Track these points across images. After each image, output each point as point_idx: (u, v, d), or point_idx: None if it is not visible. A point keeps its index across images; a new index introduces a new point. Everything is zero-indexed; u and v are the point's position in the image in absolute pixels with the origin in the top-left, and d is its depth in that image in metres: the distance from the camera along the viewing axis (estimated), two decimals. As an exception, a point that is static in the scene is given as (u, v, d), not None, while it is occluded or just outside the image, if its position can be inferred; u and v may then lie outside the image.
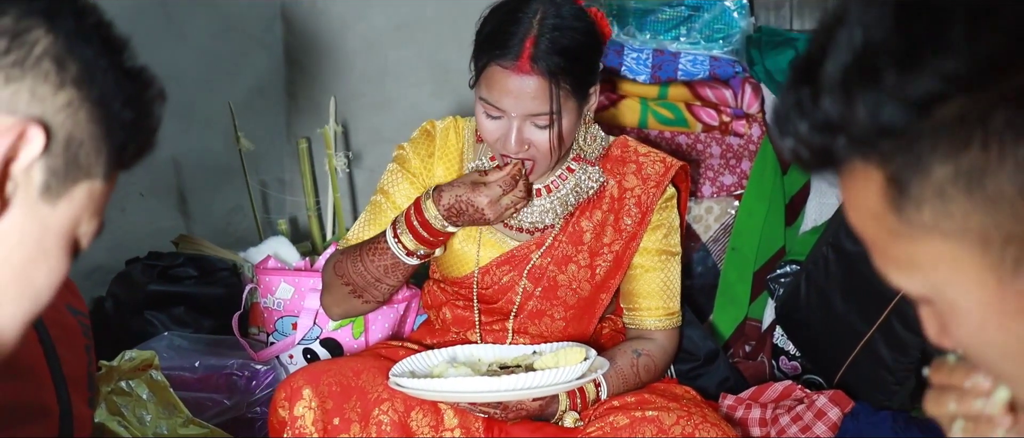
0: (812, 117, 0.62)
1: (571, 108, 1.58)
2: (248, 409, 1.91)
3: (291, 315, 1.99)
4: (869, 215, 0.63)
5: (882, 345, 1.83)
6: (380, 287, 1.67)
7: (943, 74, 0.57)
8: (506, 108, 1.55)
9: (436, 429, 1.59)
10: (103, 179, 0.73)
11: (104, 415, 1.78)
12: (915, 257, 0.62)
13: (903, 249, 0.62)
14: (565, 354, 1.57)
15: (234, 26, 2.63)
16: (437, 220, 1.59)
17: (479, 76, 1.57)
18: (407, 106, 2.71)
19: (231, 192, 2.65)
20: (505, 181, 1.58)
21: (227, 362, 1.93)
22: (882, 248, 0.64)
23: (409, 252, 1.62)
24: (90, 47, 0.71)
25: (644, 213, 1.72)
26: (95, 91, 0.70)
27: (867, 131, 0.60)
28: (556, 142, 1.57)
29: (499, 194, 1.58)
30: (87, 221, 0.74)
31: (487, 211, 1.57)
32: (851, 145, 0.61)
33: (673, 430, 1.52)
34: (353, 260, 1.67)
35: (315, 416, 1.54)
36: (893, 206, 0.61)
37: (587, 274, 1.72)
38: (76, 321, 1.74)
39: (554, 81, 1.53)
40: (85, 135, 0.71)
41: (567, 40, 1.54)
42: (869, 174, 0.61)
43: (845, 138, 0.61)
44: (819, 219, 2.16)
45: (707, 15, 2.32)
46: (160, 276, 2.14)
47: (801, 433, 1.73)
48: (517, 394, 1.51)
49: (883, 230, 0.63)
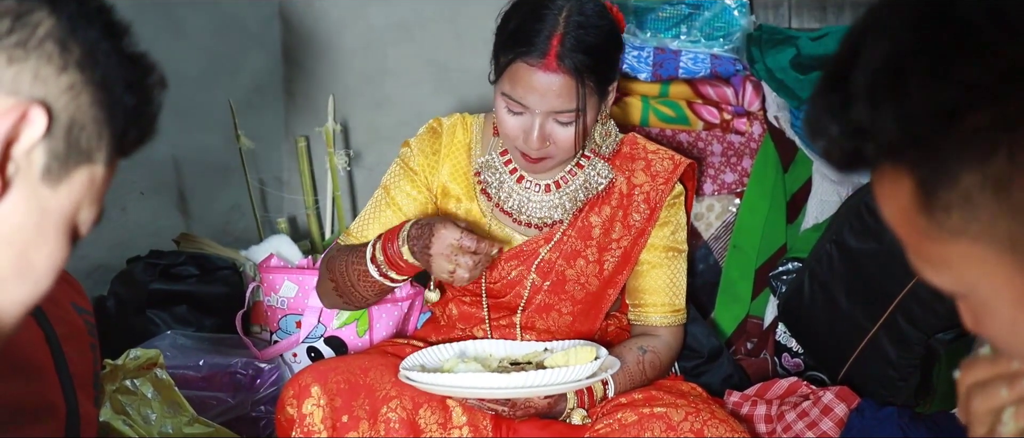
0: (842, 122, 0.63)
1: (593, 105, 1.59)
2: (252, 408, 1.91)
3: (295, 313, 1.99)
4: (900, 214, 0.64)
5: (886, 341, 1.84)
6: (355, 294, 1.68)
7: (969, 84, 0.58)
8: (531, 105, 1.56)
9: (444, 427, 1.59)
10: (104, 164, 0.73)
11: (109, 414, 1.77)
12: (946, 257, 0.63)
13: (934, 249, 0.63)
14: (576, 353, 1.57)
15: (232, 25, 2.62)
16: (402, 234, 1.58)
17: (503, 72, 1.57)
18: (406, 105, 2.71)
19: (231, 191, 2.64)
20: (476, 247, 1.50)
21: (231, 361, 1.92)
22: (914, 246, 0.65)
23: (377, 266, 1.62)
24: (93, 30, 0.70)
25: (653, 209, 1.73)
26: (98, 74, 0.70)
27: (895, 139, 0.61)
28: (580, 138, 1.58)
29: (456, 243, 1.49)
30: (87, 207, 0.74)
31: (435, 244, 1.51)
32: (880, 151, 0.62)
33: (682, 427, 1.52)
34: (341, 261, 1.68)
35: (324, 414, 1.54)
36: (923, 209, 0.62)
37: (595, 269, 1.72)
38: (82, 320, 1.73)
39: (579, 79, 1.54)
40: (87, 119, 0.70)
41: (592, 38, 1.55)
42: (899, 177, 0.62)
43: (874, 144, 0.62)
44: (820, 216, 2.16)
45: (708, 13, 2.33)
46: (161, 275, 2.13)
47: (807, 429, 1.73)
48: (528, 391, 1.51)
49: (914, 229, 0.63)
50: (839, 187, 2.14)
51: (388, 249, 1.59)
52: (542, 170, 1.67)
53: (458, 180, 1.74)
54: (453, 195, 1.74)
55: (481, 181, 1.72)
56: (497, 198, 1.71)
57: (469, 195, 1.73)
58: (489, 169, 1.71)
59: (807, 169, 2.22)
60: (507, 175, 1.72)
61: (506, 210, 1.72)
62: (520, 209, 1.71)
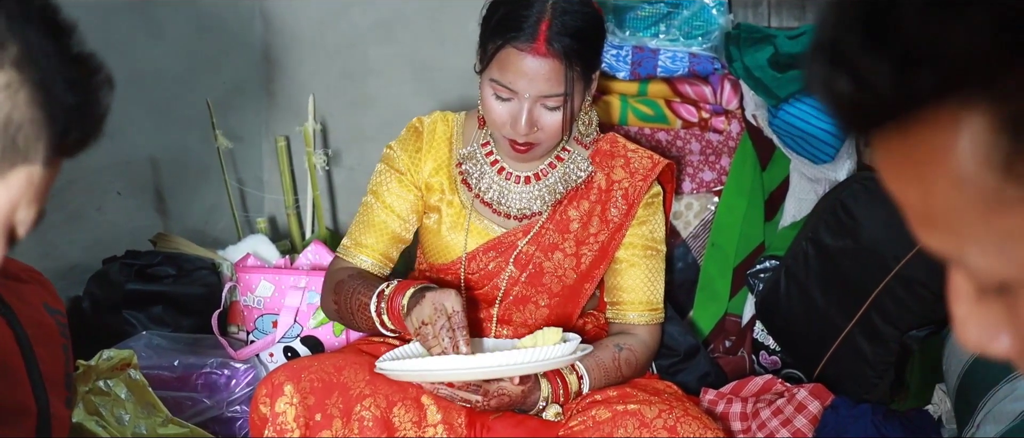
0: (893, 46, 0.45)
1: (579, 91, 1.63)
2: (227, 408, 1.90)
3: (271, 313, 1.98)
4: (949, 180, 0.47)
5: (861, 339, 1.84)
6: (353, 322, 1.72)
7: None
8: (520, 89, 1.58)
9: (419, 425, 1.59)
10: (43, 164, 0.71)
11: (82, 415, 1.76)
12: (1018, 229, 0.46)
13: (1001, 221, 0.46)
14: (543, 334, 1.58)
15: (213, 24, 2.61)
16: (410, 292, 1.59)
17: (491, 59, 1.60)
18: (387, 104, 2.70)
19: (209, 191, 2.63)
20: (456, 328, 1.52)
21: (206, 361, 1.91)
22: (963, 223, 0.48)
23: (378, 309, 1.63)
24: (32, 29, 0.69)
25: (630, 205, 1.75)
26: (36, 73, 0.69)
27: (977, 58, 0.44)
28: (568, 123, 1.61)
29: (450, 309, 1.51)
30: (25, 207, 0.72)
31: (438, 294, 1.52)
32: (950, 80, 0.45)
33: (655, 424, 1.53)
34: (350, 288, 1.69)
35: (296, 412, 1.53)
36: (1001, 162, 0.45)
37: (573, 262, 1.74)
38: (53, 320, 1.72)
39: (568, 63, 1.57)
40: (24, 118, 0.69)
41: (579, 23, 1.59)
42: (965, 121, 0.45)
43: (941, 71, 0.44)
44: (798, 214, 2.17)
45: (686, 12, 2.33)
46: (138, 275, 2.12)
47: (782, 426, 1.73)
48: (504, 370, 1.51)
49: (971, 198, 0.47)
50: (816, 185, 2.14)
51: (395, 299, 1.60)
52: (529, 158, 1.69)
53: (440, 173, 1.77)
54: (436, 189, 1.77)
55: (462, 172, 1.75)
56: (478, 189, 1.74)
57: (451, 187, 1.76)
58: (471, 160, 1.74)
59: (785, 167, 2.22)
60: (488, 166, 1.74)
61: (486, 201, 1.75)
62: (500, 200, 1.74)
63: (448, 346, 1.51)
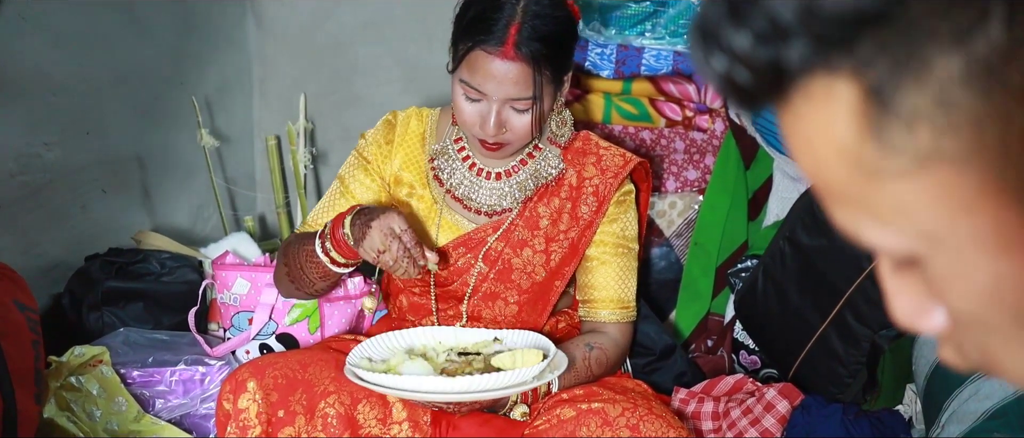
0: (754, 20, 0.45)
1: (549, 93, 1.62)
2: (201, 405, 1.90)
3: (247, 310, 1.98)
4: (834, 153, 0.46)
5: (835, 338, 1.82)
6: (305, 278, 1.68)
7: None
8: (488, 92, 1.58)
9: (383, 422, 1.58)
10: None
11: (53, 411, 1.77)
12: (902, 199, 0.45)
13: (885, 191, 0.46)
14: (523, 356, 1.55)
15: (202, 23, 2.62)
16: (350, 215, 1.58)
17: (461, 60, 1.59)
18: (376, 103, 2.70)
19: (198, 189, 2.64)
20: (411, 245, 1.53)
21: (180, 357, 1.92)
22: (853, 194, 0.47)
23: (322, 242, 1.62)
24: None
25: (601, 203, 1.75)
26: None
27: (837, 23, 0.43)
28: (537, 124, 1.61)
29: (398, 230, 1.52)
30: None
31: (379, 220, 1.53)
32: (813, 50, 0.44)
33: (618, 422, 1.51)
34: (295, 244, 1.69)
35: (259, 409, 1.53)
36: (873, 132, 0.44)
37: (542, 259, 1.74)
38: (23, 317, 1.73)
39: (536, 67, 1.56)
40: None
41: (549, 28, 1.57)
42: (835, 92, 0.45)
43: (803, 42, 0.44)
44: (781, 213, 2.15)
45: (672, 10, 2.32)
46: (119, 272, 2.13)
47: (751, 426, 1.72)
48: (473, 396, 1.49)
49: (854, 171, 0.46)
50: (799, 184, 2.12)
51: (337, 230, 1.59)
52: (500, 156, 1.69)
53: (411, 168, 1.77)
54: (405, 183, 1.77)
55: (434, 167, 1.75)
56: (449, 184, 1.74)
57: (422, 182, 1.76)
58: (443, 156, 1.75)
59: (768, 166, 2.20)
60: (459, 162, 1.75)
61: (457, 196, 1.75)
62: (470, 195, 1.74)
63: (410, 268, 1.53)
